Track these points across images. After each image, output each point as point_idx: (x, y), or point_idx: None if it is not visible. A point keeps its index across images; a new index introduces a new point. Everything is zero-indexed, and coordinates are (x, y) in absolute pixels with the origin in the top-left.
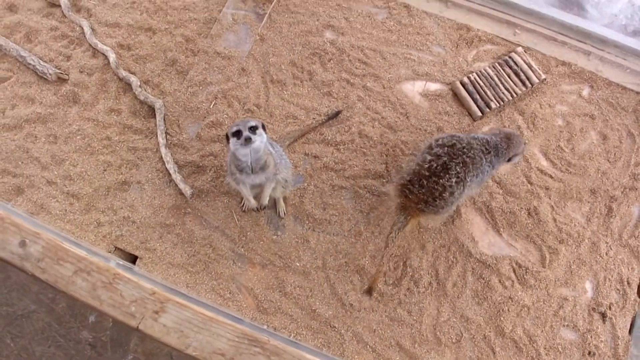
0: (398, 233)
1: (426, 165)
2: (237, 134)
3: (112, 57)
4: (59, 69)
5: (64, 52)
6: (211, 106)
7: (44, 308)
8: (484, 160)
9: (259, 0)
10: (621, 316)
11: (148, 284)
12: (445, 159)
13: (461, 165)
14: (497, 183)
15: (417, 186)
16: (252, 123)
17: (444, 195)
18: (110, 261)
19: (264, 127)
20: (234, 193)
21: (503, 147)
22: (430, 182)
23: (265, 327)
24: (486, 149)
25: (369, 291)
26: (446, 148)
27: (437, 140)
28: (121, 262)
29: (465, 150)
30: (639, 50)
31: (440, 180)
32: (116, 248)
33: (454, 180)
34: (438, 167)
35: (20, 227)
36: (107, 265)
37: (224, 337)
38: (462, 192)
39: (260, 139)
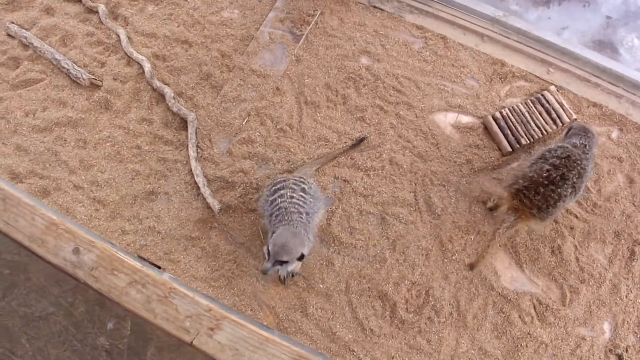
0: (506, 231)
1: (545, 175)
2: (267, 253)
3: (147, 66)
4: (93, 74)
5: (98, 58)
6: (244, 123)
7: (63, 311)
8: (589, 166)
9: (296, 21)
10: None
11: (205, 300)
12: (564, 170)
13: (577, 176)
14: None
15: (533, 192)
16: (285, 258)
17: (558, 203)
18: (164, 274)
19: (302, 257)
20: (260, 211)
21: (591, 144)
22: (547, 190)
23: (321, 352)
24: (586, 152)
25: (472, 266)
26: (563, 160)
27: (549, 152)
28: (174, 276)
29: (579, 162)
30: None
31: (558, 190)
32: (139, 257)
33: (569, 190)
34: (557, 178)
35: (75, 234)
36: (162, 279)
37: (279, 358)
38: (572, 200)
39: (284, 268)
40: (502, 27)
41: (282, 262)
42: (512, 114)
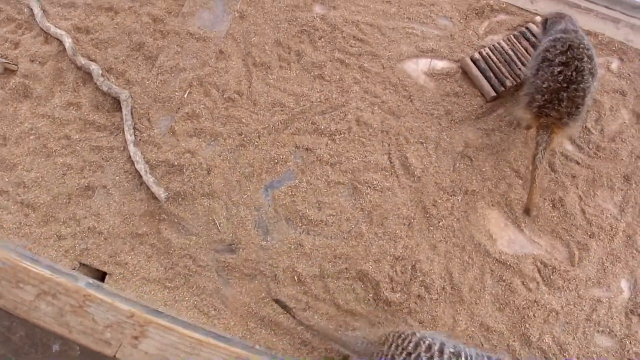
0: (544, 153)
1: (560, 78)
2: None
3: (68, 42)
4: (6, 58)
5: (10, 38)
6: (185, 95)
7: None
8: (588, 42)
9: None
10: None
11: (125, 305)
12: (575, 63)
13: (589, 60)
14: (515, 171)
15: (556, 102)
16: None
17: (585, 99)
18: (79, 280)
19: None
20: (215, 194)
21: (574, 22)
22: (570, 92)
23: (257, 347)
24: (577, 31)
25: (527, 211)
26: (568, 52)
27: (549, 51)
28: (91, 281)
29: (582, 45)
30: None
31: (581, 85)
32: (81, 264)
33: (590, 78)
34: (573, 74)
35: None
36: (75, 285)
37: None
38: (594, 85)
39: None
40: None
41: None
42: (494, 53)
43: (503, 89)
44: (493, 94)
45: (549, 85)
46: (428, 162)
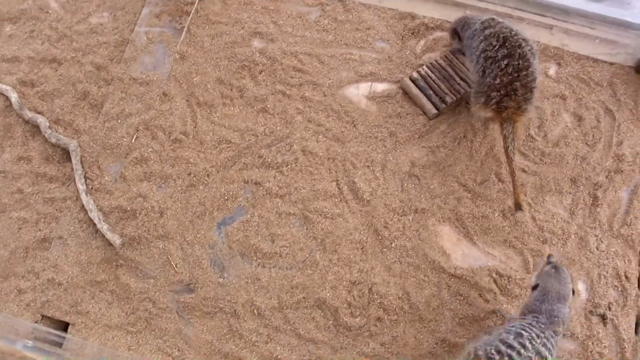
0: (514, 144)
1: (509, 69)
2: None
3: (13, 97)
4: None
5: None
6: (133, 140)
7: None
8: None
9: (174, 14)
10: (623, 316)
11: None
12: (516, 50)
13: (525, 41)
14: (463, 185)
15: (512, 93)
16: None
17: (536, 79)
18: (17, 343)
19: None
20: (170, 236)
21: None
22: (522, 79)
23: None
24: (498, 20)
25: (518, 206)
26: (506, 43)
27: (488, 49)
28: (30, 344)
29: (511, 30)
30: (607, 17)
31: (530, 69)
32: (43, 316)
33: (533, 59)
34: (519, 63)
35: None
36: (11, 348)
37: None
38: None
39: None
40: None
41: None
42: (432, 71)
43: (444, 105)
44: (434, 111)
45: (501, 80)
46: (376, 185)
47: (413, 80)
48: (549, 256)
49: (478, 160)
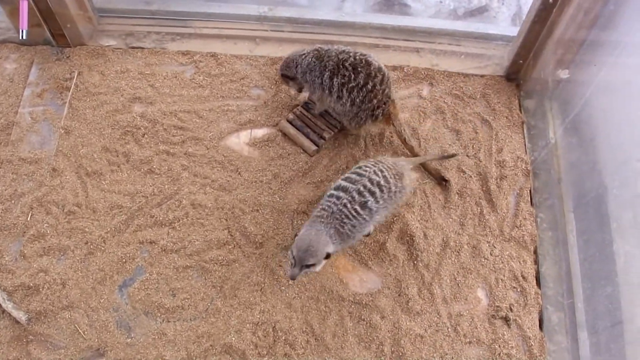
0: (407, 132)
1: (376, 88)
2: (292, 258)
3: None
4: None
5: None
6: (28, 219)
7: None
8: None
9: (56, 90)
10: (526, 314)
11: None
12: (366, 69)
13: (361, 55)
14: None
15: (382, 99)
16: (311, 261)
17: (386, 74)
18: None
19: (328, 256)
20: (74, 305)
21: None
22: (383, 84)
23: None
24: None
25: (445, 180)
26: (357, 67)
27: (347, 83)
28: None
29: (345, 51)
30: (469, 32)
31: (382, 71)
32: None
33: (371, 58)
34: (376, 75)
35: None
36: None
37: None
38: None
39: (311, 270)
40: (272, 23)
41: (308, 266)
42: (307, 111)
43: (323, 140)
44: (314, 147)
45: (378, 99)
46: (267, 227)
47: (290, 121)
48: None
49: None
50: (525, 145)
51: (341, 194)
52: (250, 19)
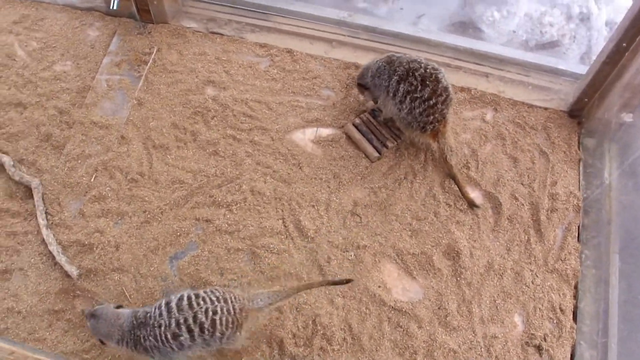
0: (450, 151)
1: (426, 95)
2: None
3: None
4: None
5: None
6: (92, 180)
7: None
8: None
9: (133, 63)
10: (559, 346)
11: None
12: (420, 73)
13: (415, 61)
14: (402, 224)
15: (437, 112)
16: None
17: (450, 94)
18: None
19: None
20: (124, 268)
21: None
22: (437, 96)
23: None
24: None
25: (472, 204)
26: (426, 80)
27: (412, 91)
28: None
29: (400, 59)
30: (539, 65)
31: (440, 84)
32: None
33: (435, 70)
34: (429, 86)
35: None
36: None
37: None
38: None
39: None
40: (349, 29)
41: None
42: (374, 118)
43: (385, 149)
44: (376, 154)
45: (434, 117)
46: (320, 223)
47: (356, 126)
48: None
49: (418, 200)
50: (579, 181)
51: (164, 312)
52: (329, 21)
